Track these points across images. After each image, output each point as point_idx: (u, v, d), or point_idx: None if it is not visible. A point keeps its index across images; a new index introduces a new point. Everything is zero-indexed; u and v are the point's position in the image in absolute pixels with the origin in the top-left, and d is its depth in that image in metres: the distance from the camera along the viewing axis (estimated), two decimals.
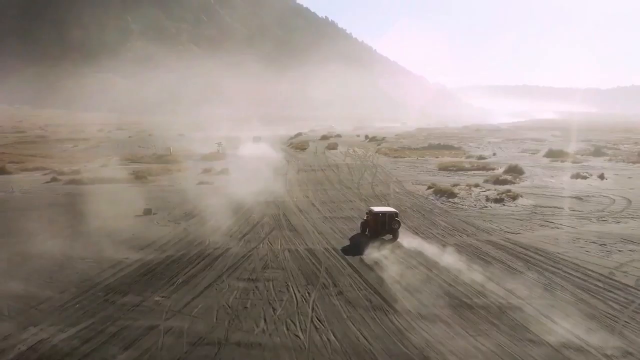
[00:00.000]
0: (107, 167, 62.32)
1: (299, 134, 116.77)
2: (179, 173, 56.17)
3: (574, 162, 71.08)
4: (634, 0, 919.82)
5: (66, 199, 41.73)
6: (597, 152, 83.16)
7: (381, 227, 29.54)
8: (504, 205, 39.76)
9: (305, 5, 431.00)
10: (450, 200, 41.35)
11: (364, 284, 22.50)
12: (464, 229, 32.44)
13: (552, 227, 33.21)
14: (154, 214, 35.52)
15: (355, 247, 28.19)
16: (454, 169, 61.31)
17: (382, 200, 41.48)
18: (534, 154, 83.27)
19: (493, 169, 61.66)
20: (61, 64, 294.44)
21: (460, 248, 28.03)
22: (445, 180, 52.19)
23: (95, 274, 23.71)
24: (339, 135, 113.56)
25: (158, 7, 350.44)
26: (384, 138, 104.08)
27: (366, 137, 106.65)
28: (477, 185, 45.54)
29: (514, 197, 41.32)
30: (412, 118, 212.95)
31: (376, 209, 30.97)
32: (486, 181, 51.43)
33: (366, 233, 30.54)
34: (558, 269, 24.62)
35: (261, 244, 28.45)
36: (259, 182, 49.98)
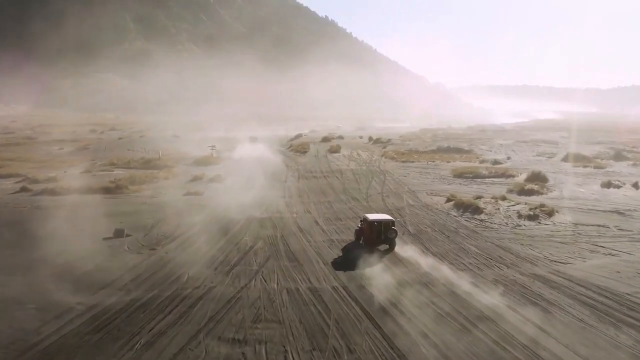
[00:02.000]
0: (88, 174, 56.59)
1: (299, 135, 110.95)
2: (166, 181, 50.34)
3: (596, 167, 65.55)
4: (634, 0, 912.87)
5: (29, 214, 35.95)
6: (618, 156, 77.68)
7: (376, 237, 27.48)
8: (539, 223, 34.04)
9: (305, 5, 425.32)
10: (476, 216, 35.59)
11: (388, 347, 16.76)
12: (500, 257, 26.71)
13: (605, 254, 27.52)
14: (127, 235, 29.76)
15: (350, 263, 23.75)
16: (470, 175, 55.61)
17: (397, 215, 35.74)
18: (550, 157, 77.67)
19: (513, 176, 55.98)
20: (59, 63, 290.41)
21: (503, 285, 22.35)
22: (463, 190, 46.52)
23: (34, 328, 18.00)
24: (340, 137, 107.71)
25: (157, 5, 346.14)
26: (389, 140, 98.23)
27: (370, 138, 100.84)
28: (504, 198, 39.74)
29: (550, 213, 35.62)
30: (413, 118, 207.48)
31: (371, 216, 28.66)
32: (510, 191, 45.80)
33: (360, 242, 28.61)
34: (638, 320, 18.93)
35: (253, 281, 22.71)
36: (255, 192, 44.35)
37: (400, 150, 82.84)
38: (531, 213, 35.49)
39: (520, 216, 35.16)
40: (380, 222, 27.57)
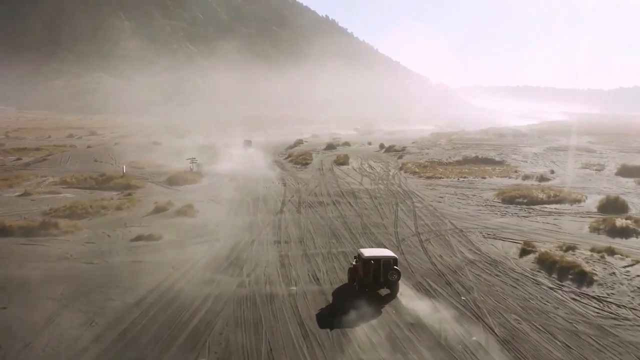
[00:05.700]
0: (26, 198, 43.30)
1: (300, 142, 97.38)
2: (118, 213, 36.77)
3: None
4: (635, 0, 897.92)
5: None
6: None
7: (374, 279, 21.57)
8: None
9: (305, 4, 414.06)
10: (586, 289, 22.11)
11: None
12: None
13: None
14: None
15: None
16: (525, 200, 42.15)
17: (458, 286, 22.42)
18: (600, 170, 64.37)
19: (579, 201, 42.60)
20: (51, 63, 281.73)
21: None
22: (528, 227, 33.25)
23: None
24: (347, 143, 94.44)
25: (153, 4, 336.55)
26: (404, 148, 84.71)
27: (381, 146, 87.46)
28: (612, 252, 26.25)
29: None
30: (417, 119, 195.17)
31: (367, 252, 22.73)
32: (595, 230, 32.61)
33: (354, 284, 22.64)
34: None
35: None
36: (236, 234, 31.02)
37: (420, 161, 69.42)
38: None
39: None
40: (377, 261, 21.61)
